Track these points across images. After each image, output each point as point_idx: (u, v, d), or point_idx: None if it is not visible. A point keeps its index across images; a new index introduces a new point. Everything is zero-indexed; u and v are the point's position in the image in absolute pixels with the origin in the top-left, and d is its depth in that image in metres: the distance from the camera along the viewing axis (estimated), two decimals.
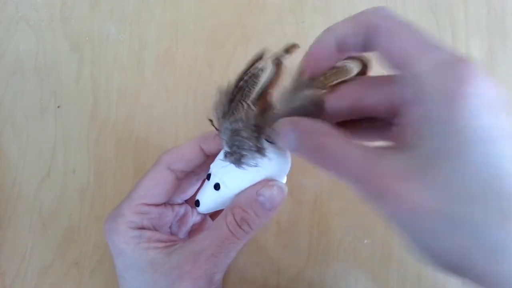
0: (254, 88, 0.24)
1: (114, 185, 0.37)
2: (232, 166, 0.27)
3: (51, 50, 0.40)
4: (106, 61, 0.39)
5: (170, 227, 0.32)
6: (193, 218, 0.33)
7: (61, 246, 0.37)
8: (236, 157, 0.26)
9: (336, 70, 0.25)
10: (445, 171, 0.18)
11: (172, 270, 0.26)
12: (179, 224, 0.32)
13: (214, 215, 0.35)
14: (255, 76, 0.24)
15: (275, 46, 0.27)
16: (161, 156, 0.30)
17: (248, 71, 0.25)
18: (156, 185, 0.29)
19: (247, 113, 0.24)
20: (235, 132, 0.25)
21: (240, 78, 0.25)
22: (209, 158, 0.30)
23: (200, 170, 0.32)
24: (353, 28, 0.22)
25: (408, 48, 0.20)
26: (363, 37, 0.22)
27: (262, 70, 0.24)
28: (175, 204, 0.32)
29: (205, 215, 0.34)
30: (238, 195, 0.27)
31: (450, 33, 0.39)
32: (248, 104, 0.24)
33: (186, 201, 0.33)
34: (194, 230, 0.33)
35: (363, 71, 0.25)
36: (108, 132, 0.38)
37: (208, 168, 0.29)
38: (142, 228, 0.28)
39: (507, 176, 0.18)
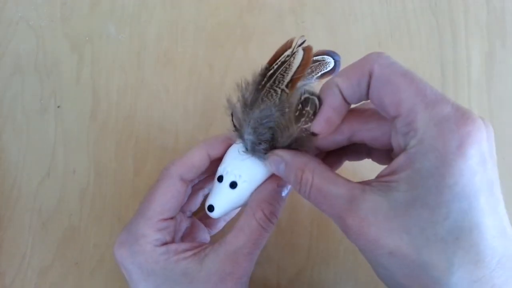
0: (287, 73, 0.26)
1: (114, 185, 0.37)
2: (250, 160, 0.27)
3: (51, 50, 0.40)
4: (106, 61, 0.39)
5: None
6: (185, 224, 0.33)
7: (61, 246, 0.37)
8: (261, 147, 0.27)
9: (318, 63, 0.30)
10: (422, 222, 0.20)
11: (211, 276, 0.26)
12: (176, 231, 0.32)
13: (203, 216, 0.35)
14: (287, 63, 0.26)
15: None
16: (170, 167, 0.29)
17: (278, 60, 0.26)
18: (171, 199, 0.29)
19: (281, 97, 0.26)
20: (267, 118, 0.26)
21: (269, 68, 0.26)
22: (212, 163, 0.30)
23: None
24: (356, 80, 0.23)
25: (407, 100, 0.21)
26: (366, 87, 0.23)
27: (293, 56, 0.26)
28: None
29: (192, 219, 0.34)
30: (257, 191, 0.28)
31: (450, 33, 0.39)
32: (282, 89, 0.26)
33: None
34: (185, 235, 0.33)
35: (335, 64, 0.30)
36: (108, 132, 0.38)
37: (211, 172, 0.30)
38: (166, 243, 0.28)
39: (483, 229, 0.19)
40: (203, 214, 0.34)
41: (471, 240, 0.19)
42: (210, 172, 0.30)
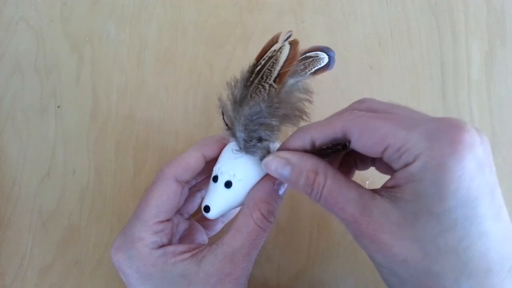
0: (274, 68, 0.26)
1: (114, 185, 0.37)
2: (243, 158, 0.27)
3: (51, 50, 0.40)
4: (106, 61, 0.39)
5: None
6: (182, 226, 0.33)
7: (61, 246, 0.37)
8: (253, 143, 0.26)
9: (312, 59, 0.30)
10: (432, 230, 0.20)
11: (209, 277, 0.26)
12: (174, 234, 0.32)
13: (201, 217, 0.35)
14: (274, 58, 0.26)
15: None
16: (165, 169, 0.29)
17: (265, 56, 0.26)
18: (167, 200, 0.28)
19: (269, 92, 0.25)
20: (257, 115, 0.26)
21: (256, 64, 0.26)
22: (207, 164, 0.30)
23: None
24: (329, 134, 0.24)
25: (389, 132, 0.22)
26: (341, 139, 0.24)
27: (280, 51, 0.26)
28: None
29: (190, 221, 0.34)
30: (254, 190, 0.28)
31: (450, 33, 0.39)
32: (270, 84, 0.25)
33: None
34: (183, 237, 0.33)
35: (329, 60, 0.31)
36: (108, 132, 0.38)
37: (207, 173, 0.29)
38: (163, 245, 0.28)
39: (491, 236, 0.20)
40: (201, 216, 0.34)
41: (481, 248, 0.19)
42: (207, 173, 0.30)
